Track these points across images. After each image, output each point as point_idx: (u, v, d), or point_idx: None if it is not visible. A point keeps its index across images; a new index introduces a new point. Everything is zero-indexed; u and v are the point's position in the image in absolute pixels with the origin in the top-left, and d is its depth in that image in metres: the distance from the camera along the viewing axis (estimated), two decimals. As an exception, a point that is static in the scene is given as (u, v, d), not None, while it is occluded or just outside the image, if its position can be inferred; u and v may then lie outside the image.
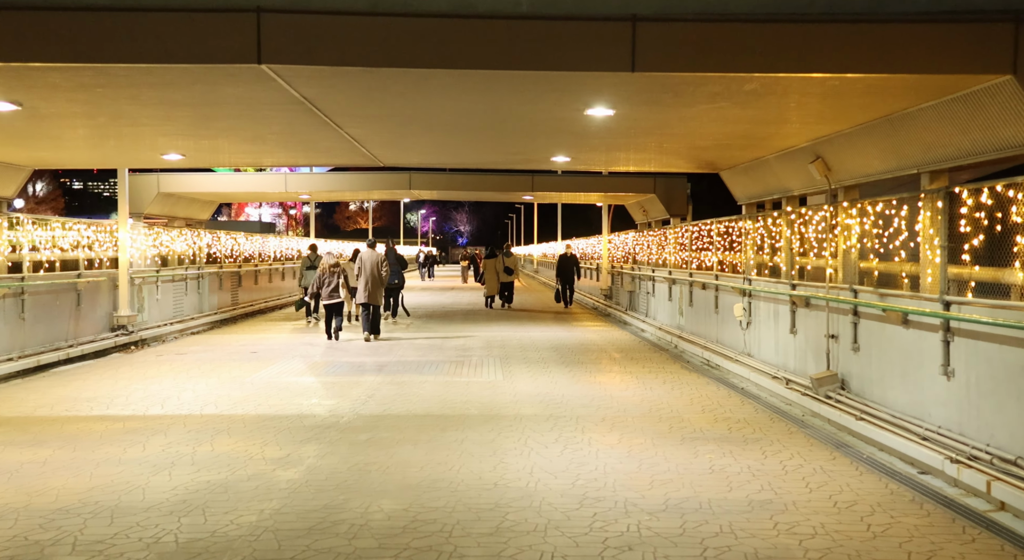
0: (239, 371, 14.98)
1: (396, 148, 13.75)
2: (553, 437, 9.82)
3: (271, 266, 32.43)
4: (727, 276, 16.02)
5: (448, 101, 9.36)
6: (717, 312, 16.61)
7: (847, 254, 10.76)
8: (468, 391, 12.98)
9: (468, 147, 13.80)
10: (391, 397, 12.46)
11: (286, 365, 15.81)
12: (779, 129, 11.02)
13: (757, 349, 14.20)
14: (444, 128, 11.69)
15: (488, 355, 17.30)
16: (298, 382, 13.79)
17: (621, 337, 21.02)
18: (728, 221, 15.92)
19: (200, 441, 9.59)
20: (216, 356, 17.11)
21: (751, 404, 11.95)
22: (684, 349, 17.90)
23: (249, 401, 12.10)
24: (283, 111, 9.78)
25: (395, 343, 19.43)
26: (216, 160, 15.53)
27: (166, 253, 22.35)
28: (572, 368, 15.46)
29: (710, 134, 11.73)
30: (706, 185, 35.13)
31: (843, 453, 9.10)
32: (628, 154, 14.45)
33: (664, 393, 12.85)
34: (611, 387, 13.42)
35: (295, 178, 26.82)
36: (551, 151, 14.33)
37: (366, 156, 14.46)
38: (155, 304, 21.00)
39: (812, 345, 11.79)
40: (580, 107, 9.62)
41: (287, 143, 12.90)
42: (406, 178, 25.65)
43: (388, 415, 11.16)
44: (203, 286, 24.46)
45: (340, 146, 12.93)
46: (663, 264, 21.95)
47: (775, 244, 13.41)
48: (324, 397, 12.44)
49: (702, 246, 17.97)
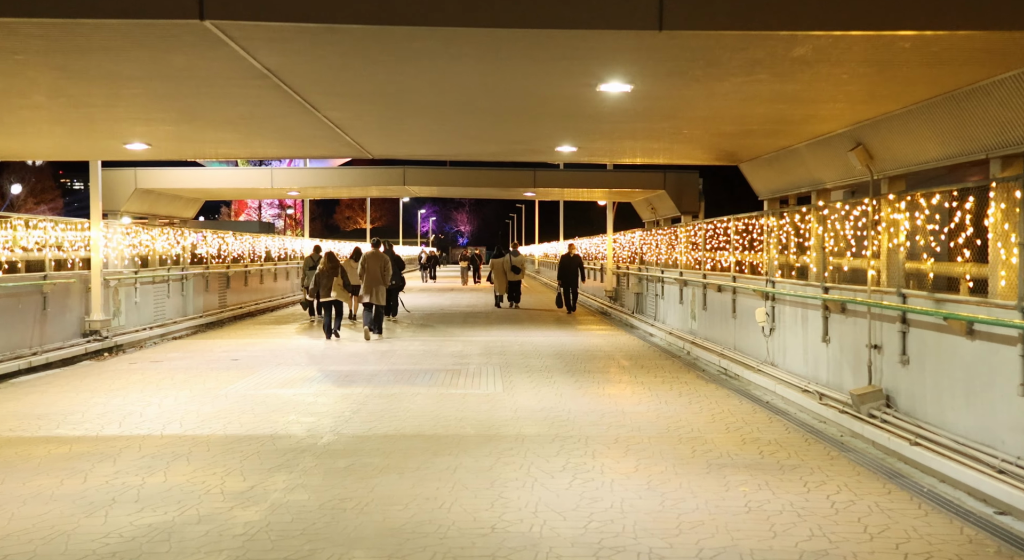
0: (214, 382, 13.72)
1: (384, 136, 12.44)
2: (560, 463, 8.55)
3: (262, 266, 31.16)
4: (746, 278, 14.75)
5: (438, 74, 8.07)
6: (735, 317, 15.34)
7: (893, 253, 9.49)
8: (464, 405, 11.73)
9: (465, 135, 12.48)
10: (379, 413, 11.20)
11: (268, 375, 14.55)
12: (818, 110, 9.73)
13: (782, 358, 12.93)
14: (436, 111, 10.38)
15: (487, 363, 16.05)
16: (277, 395, 12.53)
17: (628, 342, 19.75)
18: (748, 218, 14.65)
19: (153, 469, 8.32)
20: (193, 364, 15.85)
21: (780, 421, 10.69)
22: (698, 356, 16.64)
23: (219, 418, 10.83)
24: (246, 87, 8.50)
25: (389, 349, 18.18)
26: (185, 150, 14.22)
27: (146, 253, 21.09)
28: (578, 378, 14.20)
29: (738, 117, 10.44)
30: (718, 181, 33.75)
31: (898, 485, 7.83)
32: (641, 143, 13.14)
33: (681, 408, 11.59)
34: (622, 400, 12.16)
35: (282, 173, 25.50)
36: (556, 139, 13.00)
37: (352, 146, 13.17)
38: (133, 307, 19.74)
39: (849, 356, 10.52)
40: (592, 81, 8.32)
41: (261, 130, 11.60)
42: (400, 173, 24.33)
43: (373, 435, 9.90)
44: (187, 288, 23.20)
45: (322, 134, 11.65)
46: (673, 265, 20.68)
47: (803, 243, 12.15)
48: (304, 413, 11.18)
49: (718, 245, 16.70)
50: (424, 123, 11.24)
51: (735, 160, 15.19)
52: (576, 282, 27.61)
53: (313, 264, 22.59)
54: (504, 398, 12.30)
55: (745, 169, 15.57)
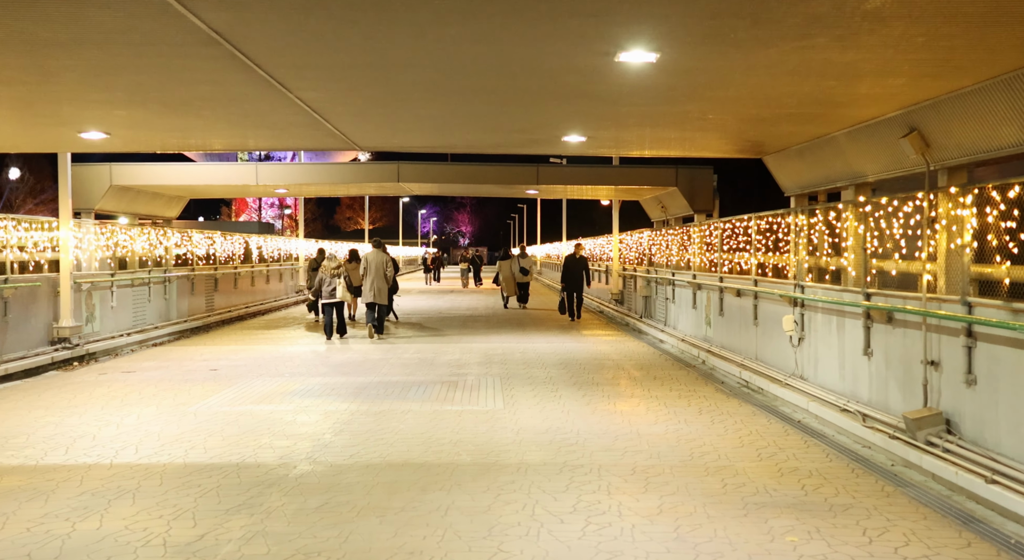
0: (186, 396, 12.46)
1: (370, 124, 11.14)
2: (570, 502, 7.28)
3: (254, 268, 29.91)
4: (770, 282, 13.48)
5: (421, 39, 6.78)
6: (756, 324, 14.07)
7: (955, 255, 8.21)
8: (460, 425, 10.46)
9: (461, 122, 11.18)
10: (364, 435, 9.94)
11: (246, 387, 13.29)
12: (872, 89, 8.44)
13: (812, 371, 11.66)
14: (426, 92, 9.08)
15: (486, 373, 14.78)
16: (253, 412, 11.27)
17: (638, 349, 18.48)
18: (772, 216, 13.37)
19: (89, 511, 7.06)
20: (168, 375, 14.59)
21: (818, 446, 9.41)
22: (715, 366, 15.37)
23: (182, 442, 9.57)
24: (198, 58, 7.23)
25: (381, 358, 16.92)
26: (149, 140, 12.90)
27: (124, 254, 19.83)
28: (586, 391, 12.93)
29: (776, 98, 9.13)
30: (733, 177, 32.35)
31: (977, 533, 6.56)
32: (658, 131, 11.81)
33: (703, 428, 10.33)
34: (636, 419, 10.89)
35: (267, 169, 24.18)
36: (564, 126, 11.67)
37: (336, 136, 11.88)
38: (109, 313, 18.49)
39: (897, 372, 9.24)
40: (611, 49, 7.03)
41: (228, 116, 10.32)
42: (394, 169, 23.01)
43: (355, 464, 8.63)
44: (171, 291, 21.94)
45: (300, 121, 10.37)
46: (686, 266, 19.41)
47: (840, 243, 10.87)
48: (279, 435, 9.91)
49: (736, 246, 15.43)
50: (414, 108, 9.94)
51: (759, 152, 13.88)
52: (582, 286, 25.04)
53: (317, 265, 22.41)
54: (505, 416, 11.04)
55: (770, 162, 14.25)
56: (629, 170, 22.77)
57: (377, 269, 19.80)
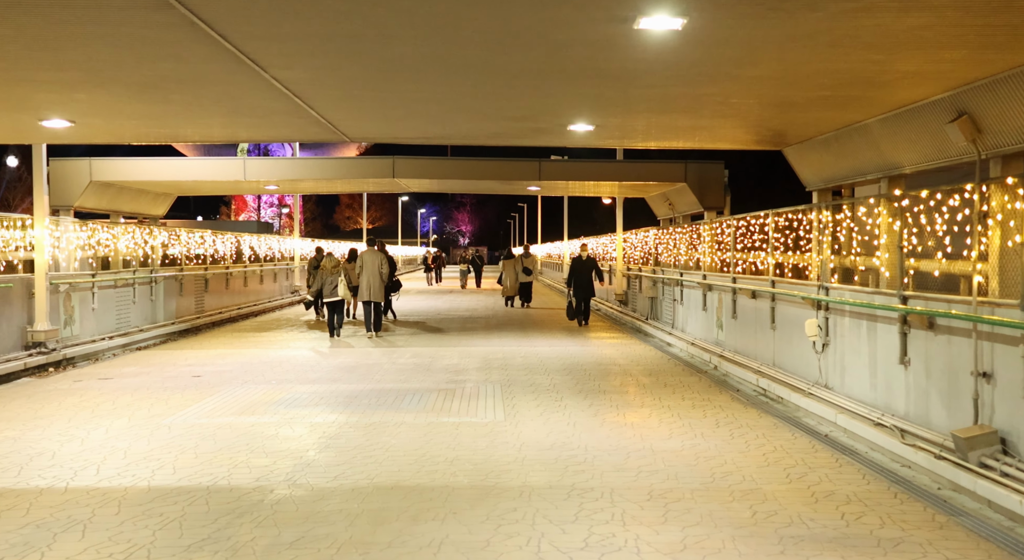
0: (163, 407, 11.58)
1: (357, 110, 10.21)
2: (580, 536, 6.40)
3: (247, 268, 29.01)
4: (790, 282, 12.60)
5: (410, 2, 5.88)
6: (774, 327, 13.19)
7: (1011, 254, 7.32)
8: (457, 440, 9.58)
9: (457, 108, 10.24)
10: (351, 452, 9.05)
11: (229, 396, 12.41)
12: (923, 64, 7.54)
13: (838, 380, 10.77)
14: (415, 67, 8.11)
15: (486, 380, 13.90)
16: (233, 425, 10.38)
17: (645, 354, 17.60)
18: (792, 212, 12.48)
19: (29, 548, 6.17)
20: (147, 382, 13.71)
21: (851, 465, 8.53)
22: (728, 372, 14.49)
23: (150, 460, 8.68)
24: (155, 27, 6.34)
25: (375, 362, 16.04)
26: (118, 130, 11.96)
27: (107, 254, 18.96)
28: (592, 400, 12.06)
29: (811, 76, 8.20)
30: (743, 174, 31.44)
31: (1052, 576, 5.68)
32: (671, 118, 10.88)
33: (723, 443, 9.45)
34: (648, 432, 10.01)
35: (256, 164, 23.23)
36: (570, 112, 10.72)
37: (322, 125, 10.98)
38: (90, 315, 17.60)
39: (940, 383, 8.36)
40: (630, 13, 6.11)
41: (199, 99, 9.41)
42: (389, 164, 22.08)
43: (339, 488, 7.75)
44: (157, 292, 21.05)
45: (280, 107, 9.47)
46: (695, 266, 18.53)
47: (871, 241, 9.98)
48: (258, 452, 9.03)
49: (751, 245, 14.54)
50: (403, 90, 9.01)
51: (779, 144, 12.96)
52: (591, 289, 22.98)
53: (317, 264, 22.36)
54: (506, 429, 10.16)
55: (791, 154, 13.32)
56: (636, 165, 21.84)
57: (372, 268, 19.92)
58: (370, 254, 20.21)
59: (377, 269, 19.92)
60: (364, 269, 19.92)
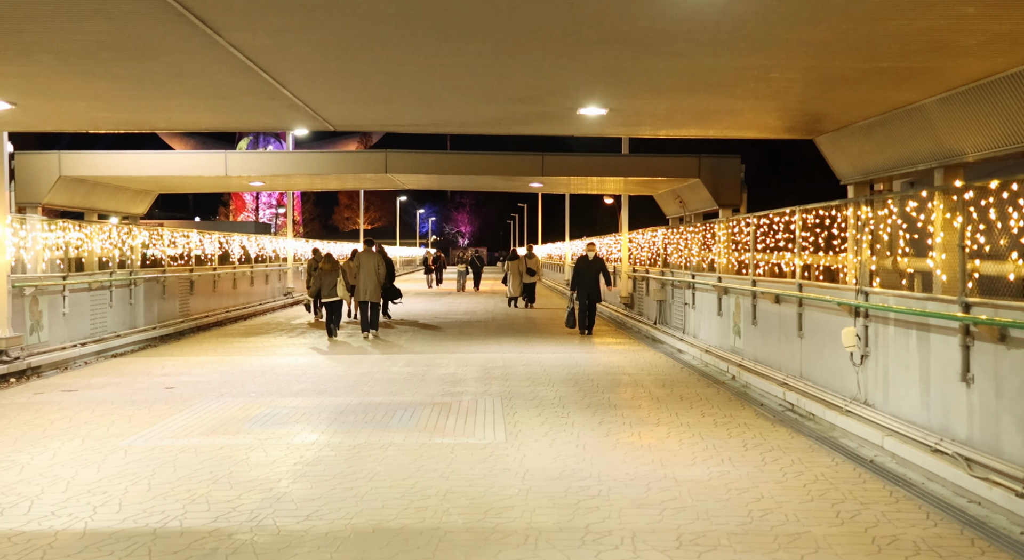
0: (125, 424, 10.39)
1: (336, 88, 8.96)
2: (600, 601, 5.21)
3: (236, 269, 27.82)
4: (820, 286, 11.41)
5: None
6: (801, 335, 12.01)
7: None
8: (452, 467, 8.40)
9: (451, 86, 9.00)
10: (330, 481, 7.87)
11: (201, 411, 11.23)
12: (1019, 23, 6.33)
13: (881, 397, 9.58)
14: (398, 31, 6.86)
15: (485, 392, 12.72)
16: (199, 448, 9.19)
17: (655, 361, 16.42)
18: (824, 208, 11.29)
19: (-85, 621, 4.99)
20: (114, 395, 12.53)
21: (909, 500, 7.34)
22: (748, 383, 13.32)
23: (95, 494, 7.50)
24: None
25: (366, 372, 14.86)
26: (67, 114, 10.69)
27: (80, 254, 17.78)
28: (602, 416, 10.88)
29: (879, 39, 6.93)
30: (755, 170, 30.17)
31: None
32: (698, 100, 9.62)
33: (755, 471, 8.27)
34: (669, 456, 8.83)
35: (238, 158, 21.98)
36: (580, 92, 9.42)
37: (299, 109, 9.77)
38: (60, 320, 16.41)
39: (1017, 406, 7.18)
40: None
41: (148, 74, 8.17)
42: (381, 158, 20.87)
43: (311, 531, 6.56)
44: (137, 295, 19.87)
45: (246, 85, 8.27)
46: (709, 268, 17.35)
47: (922, 240, 8.79)
48: (223, 482, 7.84)
49: (774, 245, 13.36)
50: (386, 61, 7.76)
51: (812, 131, 11.72)
52: (598, 294, 20.91)
53: (316, 265, 22.44)
54: (507, 453, 8.98)
55: (825, 143, 12.07)
56: (646, 159, 20.62)
57: (368, 268, 20.09)
58: (367, 255, 20.36)
59: (374, 270, 20.08)
60: (361, 270, 20.08)
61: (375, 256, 20.35)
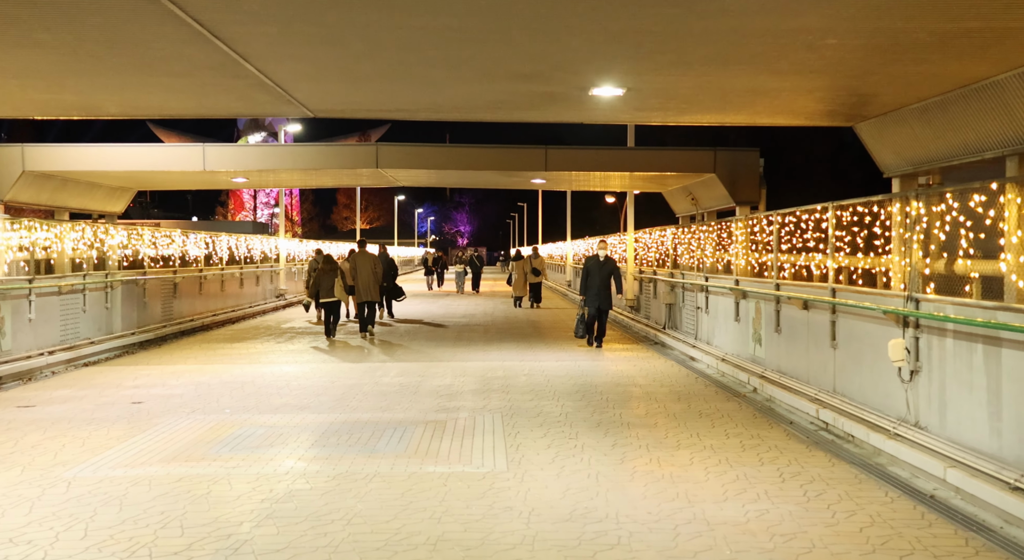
0: (76, 449, 9.20)
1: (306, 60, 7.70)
2: None
3: (223, 270, 26.60)
4: (859, 291, 10.22)
5: None
6: (834, 346, 10.82)
7: None
8: (444, 505, 7.20)
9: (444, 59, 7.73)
10: (301, 525, 6.67)
11: (166, 432, 10.04)
12: None
13: (936, 419, 8.39)
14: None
15: (484, 408, 11.54)
16: (154, 479, 7.99)
17: (667, 370, 15.23)
18: (863, 204, 10.07)
19: None
20: (73, 411, 11.34)
21: (991, 551, 6.16)
22: (772, 396, 12.13)
23: (15, 545, 6.30)
24: None
25: (355, 383, 13.68)
26: (6, 98, 9.48)
27: (50, 255, 16.58)
28: (615, 437, 9.71)
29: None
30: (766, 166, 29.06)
31: None
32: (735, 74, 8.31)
33: (799, 509, 7.08)
34: (695, 490, 7.64)
35: (217, 152, 20.72)
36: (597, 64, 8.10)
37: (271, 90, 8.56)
38: (26, 327, 15.20)
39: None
40: None
41: (80, 40, 6.94)
42: (371, 152, 19.64)
43: (268, 596, 5.36)
44: (114, 299, 18.67)
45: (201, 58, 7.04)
46: (726, 270, 16.16)
47: (990, 240, 7.59)
48: (173, 526, 6.64)
49: (802, 245, 12.17)
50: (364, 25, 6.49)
51: (855, 116, 10.45)
52: (609, 300, 18.48)
53: (316, 266, 22.26)
54: (508, 485, 7.79)
55: (868, 131, 10.80)
56: (658, 153, 19.37)
57: (365, 268, 20.23)
58: (363, 255, 20.51)
59: (371, 270, 20.21)
60: (359, 270, 20.19)
61: (372, 256, 20.59)
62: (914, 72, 8.25)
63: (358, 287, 20.24)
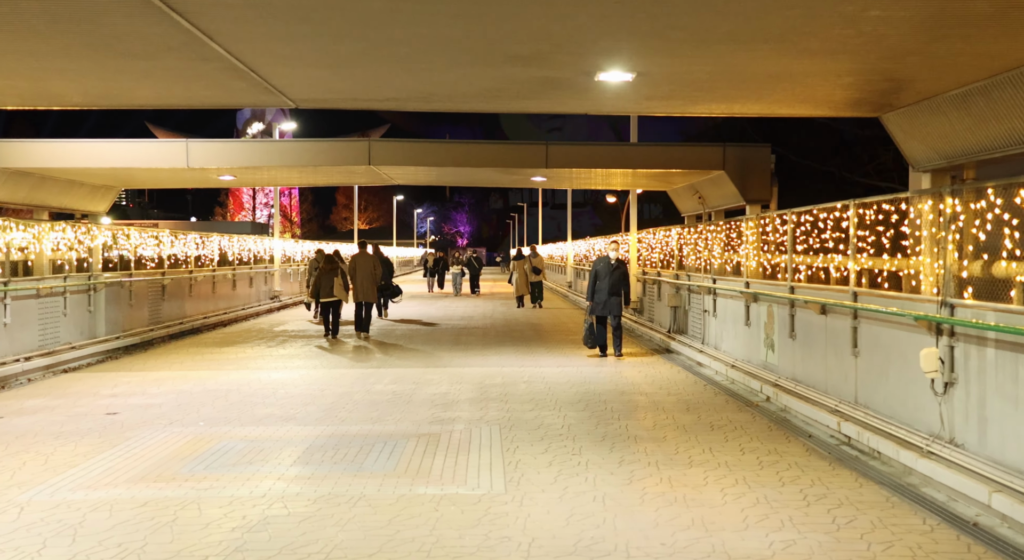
0: (36, 467, 8.48)
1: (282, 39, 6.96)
2: None
3: (215, 271, 25.88)
4: (883, 295, 9.49)
5: None
6: (855, 354, 10.09)
7: None
8: (435, 535, 6.49)
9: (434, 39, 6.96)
10: (275, 557, 5.96)
11: (138, 447, 9.32)
12: None
13: (974, 436, 7.66)
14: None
15: (481, 420, 10.82)
16: (116, 504, 7.27)
17: (673, 377, 14.52)
18: (889, 202, 9.34)
19: None
20: (42, 423, 10.61)
21: (1051, 592, 5.43)
22: (787, 406, 11.42)
23: (-51, 584, 5.58)
24: None
25: (346, 392, 12.97)
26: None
27: (28, 256, 15.85)
28: (622, 453, 8.99)
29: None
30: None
31: None
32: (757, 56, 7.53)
33: (829, 540, 6.37)
34: (712, 516, 6.92)
35: (200, 148, 19.96)
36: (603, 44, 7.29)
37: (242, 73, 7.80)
38: (1, 331, 14.47)
39: None
40: None
41: (18, 12, 6.20)
42: (364, 147, 18.92)
43: (226, 653, 4.64)
44: (97, 301, 17.93)
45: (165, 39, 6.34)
46: (735, 271, 15.43)
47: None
48: (128, 562, 5.92)
49: (819, 246, 11.45)
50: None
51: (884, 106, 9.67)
52: (619, 307, 16.81)
53: (317, 266, 22.26)
54: (506, 510, 7.07)
55: (897, 121, 10.01)
56: (664, 149, 18.62)
57: (365, 269, 20.45)
58: (363, 256, 20.75)
59: (370, 271, 20.47)
60: (358, 271, 20.39)
61: (371, 257, 20.91)
62: (960, 51, 7.47)
63: (355, 288, 20.48)
